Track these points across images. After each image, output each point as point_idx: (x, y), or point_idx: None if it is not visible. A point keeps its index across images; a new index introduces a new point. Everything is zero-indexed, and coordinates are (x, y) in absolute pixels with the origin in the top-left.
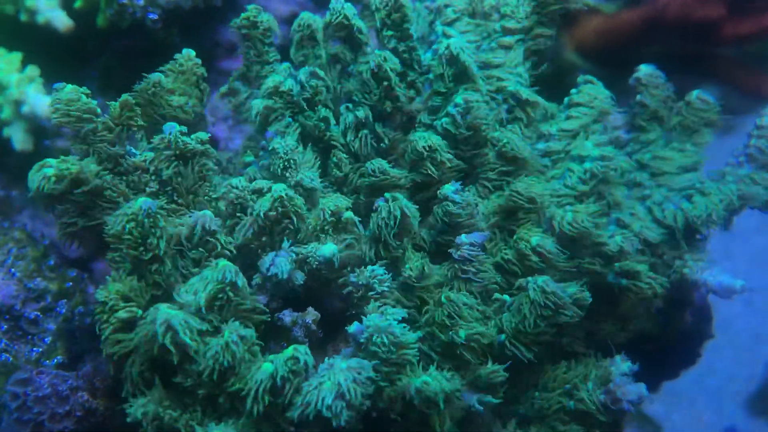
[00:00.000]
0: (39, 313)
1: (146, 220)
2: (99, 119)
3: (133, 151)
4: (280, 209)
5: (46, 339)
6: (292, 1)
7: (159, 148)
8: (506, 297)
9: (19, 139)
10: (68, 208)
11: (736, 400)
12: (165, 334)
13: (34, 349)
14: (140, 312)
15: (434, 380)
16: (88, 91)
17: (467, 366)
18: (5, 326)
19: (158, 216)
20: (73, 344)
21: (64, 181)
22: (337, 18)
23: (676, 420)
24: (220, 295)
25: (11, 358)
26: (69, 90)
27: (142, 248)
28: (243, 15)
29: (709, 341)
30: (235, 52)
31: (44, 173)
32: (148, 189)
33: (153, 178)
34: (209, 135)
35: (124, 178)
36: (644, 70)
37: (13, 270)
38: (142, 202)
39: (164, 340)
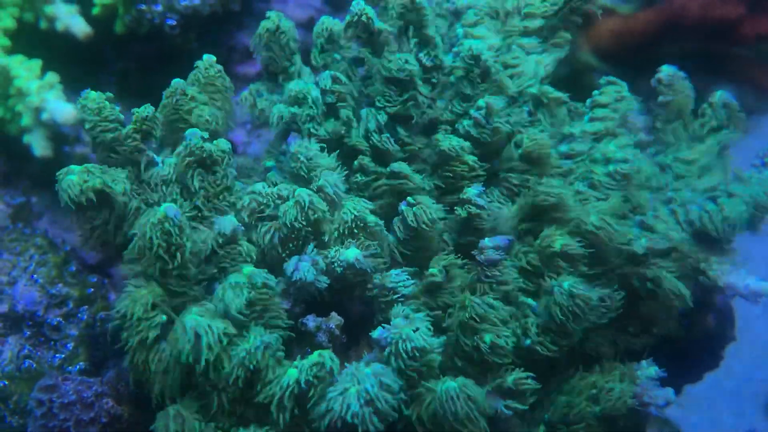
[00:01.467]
0: (61, 319)
1: (170, 227)
2: (123, 128)
3: (156, 158)
4: (302, 215)
5: (68, 345)
6: (309, 6)
7: (181, 155)
8: (531, 300)
9: (39, 145)
10: (93, 215)
11: (754, 402)
12: (192, 342)
13: (57, 355)
14: (164, 318)
15: (459, 385)
16: (111, 95)
17: (493, 371)
18: (28, 332)
19: (182, 223)
20: (96, 350)
21: (90, 192)
22: (357, 20)
23: (696, 422)
24: (247, 301)
25: (35, 364)
26: (94, 98)
27: (166, 255)
28: (264, 21)
29: (731, 344)
30: (252, 57)
31: (70, 181)
32: (170, 197)
33: (176, 185)
34: (230, 141)
35: (148, 185)
36: (666, 71)
37: (35, 276)
38: (165, 208)
39: (192, 348)
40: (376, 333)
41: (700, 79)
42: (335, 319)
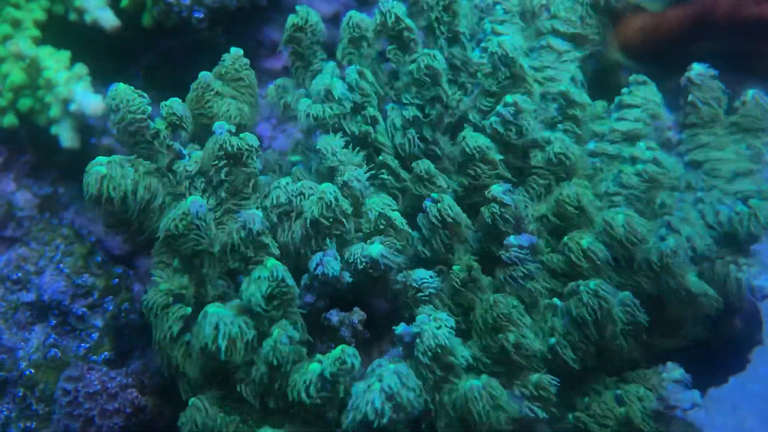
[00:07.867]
0: (86, 309)
1: (194, 221)
2: (151, 121)
3: (183, 151)
4: (327, 211)
5: (93, 335)
6: (336, 1)
7: (209, 148)
8: (556, 301)
9: (67, 136)
10: (120, 208)
11: None
12: (214, 334)
13: (82, 344)
14: (189, 310)
15: (483, 384)
16: (142, 93)
17: (517, 371)
18: (54, 321)
19: (207, 216)
20: (121, 340)
21: (120, 190)
22: (386, 17)
23: (720, 425)
24: (270, 295)
25: (60, 353)
26: (123, 90)
27: (191, 248)
28: (292, 16)
29: (758, 347)
30: (279, 52)
31: (97, 172)
32: (196, 190)
33: (202, 179)
34: (255, 136)
35: (176, 178)
36: (696, 69)
37: (61, 266)
38: (191, 202)
39: (213, 341)
40: (400, 329)
41: (730, 78)
42: (358, 314)
